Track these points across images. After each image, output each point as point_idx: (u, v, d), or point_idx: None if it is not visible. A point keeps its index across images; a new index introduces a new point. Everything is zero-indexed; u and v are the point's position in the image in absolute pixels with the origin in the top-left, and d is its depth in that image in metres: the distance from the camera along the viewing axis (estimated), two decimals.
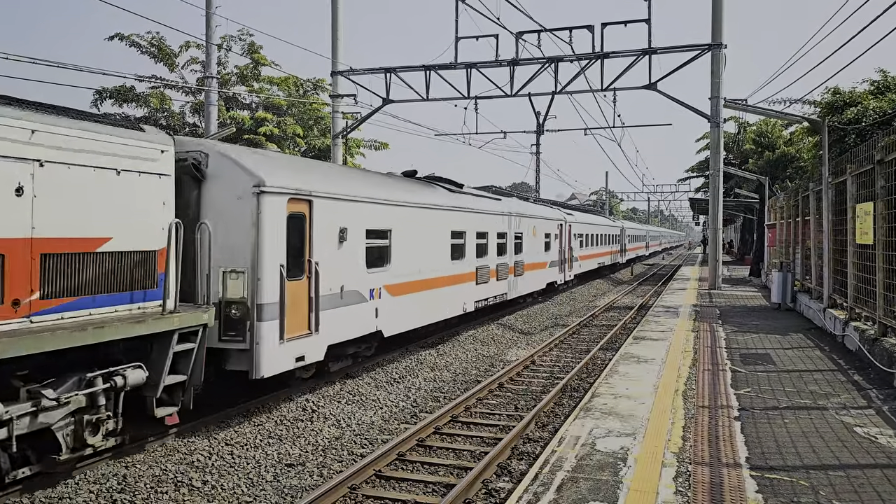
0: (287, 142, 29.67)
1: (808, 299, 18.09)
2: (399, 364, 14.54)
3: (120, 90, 27.46)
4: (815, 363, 11.99)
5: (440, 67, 25.31)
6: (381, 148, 33.78)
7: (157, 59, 29.12)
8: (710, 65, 23.82)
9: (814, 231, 17.40)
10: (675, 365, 11.87)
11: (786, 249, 23.40)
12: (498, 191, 26.74)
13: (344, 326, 12.19)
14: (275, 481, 8.37)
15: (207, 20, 19.66)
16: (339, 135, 27.74)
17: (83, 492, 7.57)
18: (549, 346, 17.67)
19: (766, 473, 6.58)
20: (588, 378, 14.05)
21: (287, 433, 9.96)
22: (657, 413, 8.79)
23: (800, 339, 14.58)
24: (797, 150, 36.41)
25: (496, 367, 15.36)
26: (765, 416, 8.62)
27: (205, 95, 21.39)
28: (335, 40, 26.58)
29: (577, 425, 8.27)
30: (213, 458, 8.78)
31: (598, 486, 6.29)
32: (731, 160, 42.81)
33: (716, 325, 16.84)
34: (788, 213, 22.71)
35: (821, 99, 23.23)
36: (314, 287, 11.11)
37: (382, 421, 11.12)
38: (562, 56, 24.31)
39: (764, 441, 7.60)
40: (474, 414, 11.52)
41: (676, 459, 7.00)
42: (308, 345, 11.05)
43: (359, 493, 8.00)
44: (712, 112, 24.22)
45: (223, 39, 29.03)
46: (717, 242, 26.19)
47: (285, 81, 30.93)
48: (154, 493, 7.73)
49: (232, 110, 30.01)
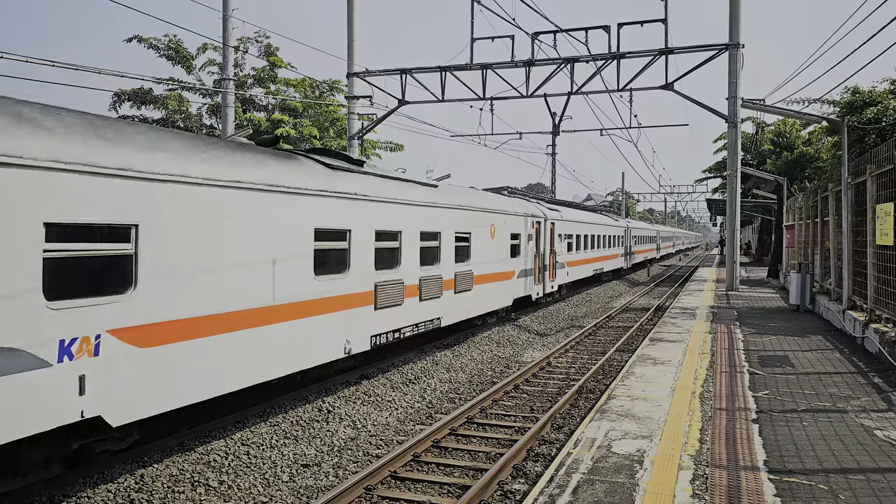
0: (303, 143, 29.76)
1: (827, 301, 17.90)
2: (415, 365, 14.53)
3: (138, 92, 27.68)
4: (834, 365, 11.86)
5: (456, 68, 25.30)
6: (396, 149, 33.82)
7: (175, 62, 29.34)
8: (728, 64, 23.67)
9: (833, 232, 17.23)
10: (693, 367, 11.79)
11: (804, 250, 23.19)
12: (441, 179, 20.70)
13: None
14: (290, 482, 8.40)
15: (224, 23, 19.78)
16: (355, 136, 27.81)
17: (101, 491, 7.64)
18: (565, 347, 17.60)
19: (784, 477, 6.51)
20: (604, 380, 13.99)
21: (303, 434, 9.99)
22: (674, 415, 8.73)
23: (819, 341, 14.43)
24: (816, 150, 36.06)
25: (512, 369, 15.34)
26: (783, 419, 8.53)
27: (222, 97, 21.52)
28: (351, 42, 26.64)
29: (594, 427, 8.23)
30: (229, 458, 8.83)
31: (613, 489, 6.26)
32: (748, 161, 42.46)
33: (733, 326, 16.71)
34: (807, 213, 22.50)
35: (840, 98, 22.98)
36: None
37: (398, 422, 11.13)
38: (578, 56, 24.22)
39: (782, 444, 7.53)
40: (490, 415, 11.51)
41: (693, 462, 6.95)
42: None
43: (374, 494, 8.01)
44: (729, 112, 24.04)
45: (240, 41, 29.20)
46: (734, 244, 25.99)
47: (301, 83, 31.05)
48: (171, 492, 7.78)
49: (249, 112, 30.16)
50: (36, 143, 6.51)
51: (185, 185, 8.08)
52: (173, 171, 7.91)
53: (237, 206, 8.94)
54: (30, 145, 6.43)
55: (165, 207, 7.82)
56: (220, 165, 8.77)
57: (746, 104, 21.13)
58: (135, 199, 7.43)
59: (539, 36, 24.20)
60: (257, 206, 9.30)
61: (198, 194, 8.27)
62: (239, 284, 8.94)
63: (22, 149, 6.34)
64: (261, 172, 9.43)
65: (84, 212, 6.90)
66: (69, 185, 6.74)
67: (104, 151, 7.15)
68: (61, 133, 6.85)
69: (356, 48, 26.77)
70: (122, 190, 7.28)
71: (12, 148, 6.27)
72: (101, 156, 7.08)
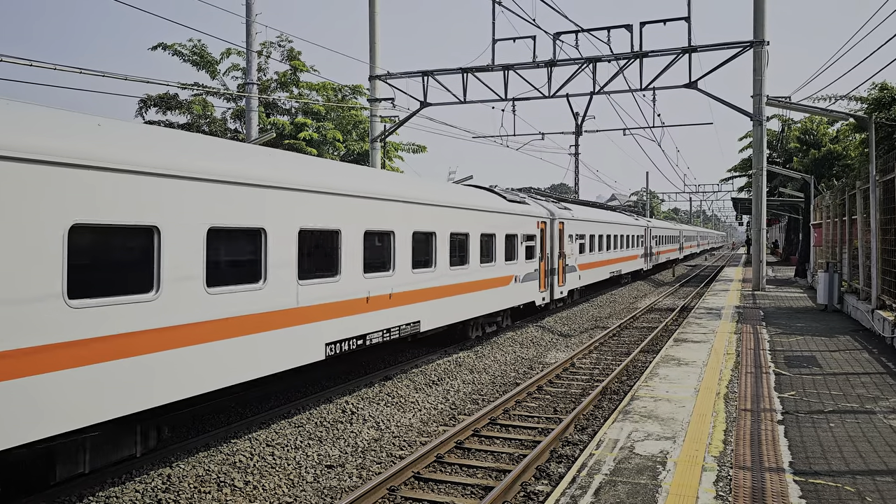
0: (326, 146, 29.98)
1: (855, 300, 17.65)
2: (438, 367, 14.57)
3: (164, 98, 28.06)
4: (862, 366, 11.69)
5: (477, 70, 25.33)
6: (419, 151, 33.91)
7: (199, 67, 29.73)
8: (752, 62, 23.44)
9: (861, 230, 16.98)
10: (717, 367, 11.69)
11: (832, 249, 22.86)
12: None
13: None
14: (315, 482, 8.47)
15: (248, 28, 19.99)
16: (377, 138, 27.94)
17: (129, 490, 7.76)
18: (588, 348, 17.53)
19: (810, 478, 6.45)
20: (628, 381, 13.92)
21: (327, 435, 10.06)
22: (698, 416, 8.67)
23: (847, 342, 14.23)
24: (843, 147, 35.60)
25: (535, 370, 15.31)
26: (809, 420, 8.44)
27: (246, 102, 21.74)
28: (373, 45, 26.79)
29: (616, 428, 8.20)
30: (254, 458, 8.93)
31: (636, 490, 6.23)
32: (774, 159, 42.00)
33: (759, 326, 16.53)
34: (835, 212, 22.18)
35: (868, 95, 22.67)
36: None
37: (421, 423, 11.17)
38: (600, 56, 24.14)
39: (808, 445, 7.45)
40: (513, 416, 11.50)
41: (717, 463, 6.90)
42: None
43: (398, 495, 8.05)
44: (755, 110, 23.81)
45: (263, 46, 29.51)
46: (760, 243, 25.71)
47: (323, 87, 31.27)
48: (197, 492, 7.88)
49: (272, 116, 30.44)
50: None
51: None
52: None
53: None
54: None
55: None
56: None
57: (772, 102, 20.93)
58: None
59: (561, 36, 24.17)
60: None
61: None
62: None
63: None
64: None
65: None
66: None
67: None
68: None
69: (378, 51, 26.90)
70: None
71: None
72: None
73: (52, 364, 6.52)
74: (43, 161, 6.45)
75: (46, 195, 6.48)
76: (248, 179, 8.95)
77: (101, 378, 6.98)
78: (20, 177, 6.28)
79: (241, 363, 8.80)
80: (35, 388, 6.38)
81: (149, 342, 7.48)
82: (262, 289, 9.14)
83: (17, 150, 6.27)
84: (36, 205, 6.41)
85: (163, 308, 7.64)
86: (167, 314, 7.69)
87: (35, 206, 6.40)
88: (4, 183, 6.18)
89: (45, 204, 6.47)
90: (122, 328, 7.18)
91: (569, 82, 25.09)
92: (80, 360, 6.78)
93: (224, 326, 8.47)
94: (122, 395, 7.19)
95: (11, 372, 6.20)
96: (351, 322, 11.23)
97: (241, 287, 8.83)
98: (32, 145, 6.41)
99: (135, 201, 7.36)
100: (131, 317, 7.28)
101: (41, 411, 6.41)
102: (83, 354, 6.80)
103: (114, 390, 7.10)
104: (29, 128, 6.56)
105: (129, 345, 7.26)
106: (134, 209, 7.34)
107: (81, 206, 6.79)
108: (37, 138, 6.50)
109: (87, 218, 6.84)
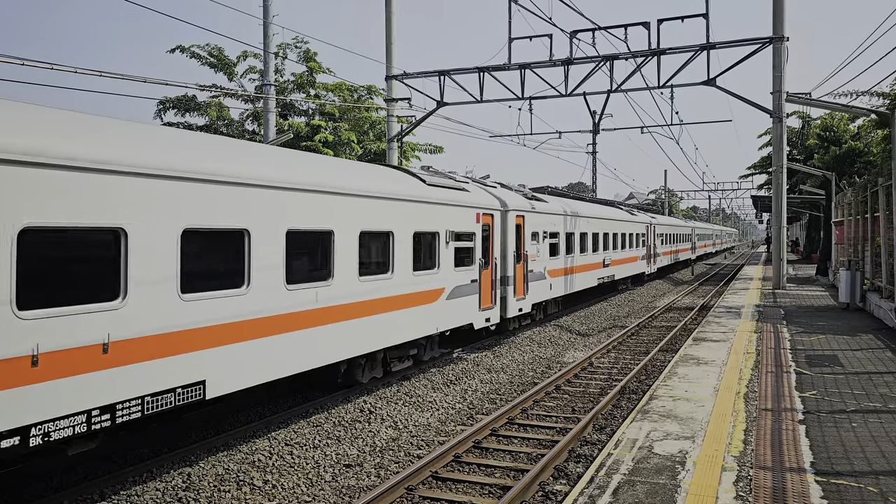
0: (343, 147, 30.07)
1: (878, 298, 17.43)
2: (455, 366, 14.57)
3: (182, 100, 28.29)
4: (885, 365, 11.55)
5: (494, 69, 25.29)
6: (436, 151, 33.90)
7: (217, 69, 29.93)
8: (772, 58, 23.20)
9: (884, 228, 16.77)
10: (737, 367, 11.59)
11: (854, 247, 22.58)
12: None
13: None
14: (333, 481, 8.51)
15: (265, 30, 20.10)
16: (394, 138, 27.97)
17: (150, 489, 7.83)
18: (607, 347, 17.46)
19: (831, 479, 6.38)
20: (647, 380, 13.84)
21: (345, 434, 10.10)
22: (717, 416, 8.60)
23: (869, 340, 14.06)
24: (865, 144, 35.17)
25: (553, 369, 15.27)
26: (831, 420, 8.35)
27: (263, 103, 21.86)
28: (389, 45, 26.82)
29: (635, 428, 8.16)
30: (273, 457, 8.98)
31: (654, 490, 6.20)
32: (795, 156, 41.59)
33: (780, 325, 16.38)
34: (856, 209, 21.92)
35: (890, 90, 22.38)
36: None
37: (439, 422, 11.17)
38: (617, 54, 24.01)
39: (830, 445, 7.37)
40: (531, 416, 11.48)
41: (737, 463, 6.85)
42: None
43: (416, 494, 8.06)
44: (774, 107, 23.57)
45: (279, 48, 29.62)
46: (780, 240, 25.46)
47: (339, 87, 31.36)
48: (217, 491, 7.94)
49: (289, 117, 30.58)
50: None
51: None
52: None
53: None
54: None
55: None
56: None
57: (791, 98, 20.73)
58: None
59: (577, 34, 24.07)
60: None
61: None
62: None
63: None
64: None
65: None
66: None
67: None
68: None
69: (394, 51, 26.94)
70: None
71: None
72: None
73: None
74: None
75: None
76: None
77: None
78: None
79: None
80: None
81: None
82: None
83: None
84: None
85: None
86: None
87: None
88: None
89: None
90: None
91: (586, 80, 24.96)
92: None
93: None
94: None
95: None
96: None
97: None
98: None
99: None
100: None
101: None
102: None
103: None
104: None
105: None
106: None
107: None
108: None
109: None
